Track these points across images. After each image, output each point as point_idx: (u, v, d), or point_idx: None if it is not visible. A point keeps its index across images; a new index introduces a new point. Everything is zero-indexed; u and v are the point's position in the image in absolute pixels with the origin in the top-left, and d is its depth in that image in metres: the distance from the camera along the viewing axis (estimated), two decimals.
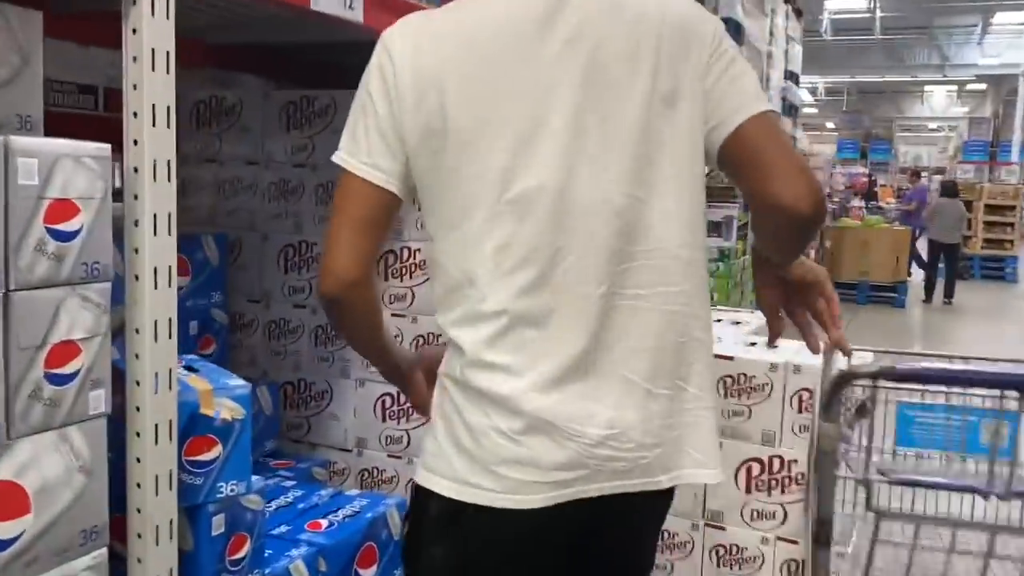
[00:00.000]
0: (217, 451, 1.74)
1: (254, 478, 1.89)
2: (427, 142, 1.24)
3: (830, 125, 31.19)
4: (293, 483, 2.53)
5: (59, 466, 1.42)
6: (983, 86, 25.25)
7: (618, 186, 1.22)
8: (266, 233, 2.89)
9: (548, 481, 1.23)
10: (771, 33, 7.15)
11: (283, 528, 2.19)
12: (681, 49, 1.23)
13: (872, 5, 18.12)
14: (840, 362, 1.53)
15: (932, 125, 32.02)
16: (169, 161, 1.56)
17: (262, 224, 2.90)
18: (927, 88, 28.11)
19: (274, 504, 2.35)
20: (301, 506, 2.35)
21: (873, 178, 22.18)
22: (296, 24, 2.47)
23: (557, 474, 1.23)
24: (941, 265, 11.05)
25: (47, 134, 1.46)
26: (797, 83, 8.76)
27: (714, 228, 6.31)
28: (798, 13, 8.60)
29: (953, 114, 29.29)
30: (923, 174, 18.30)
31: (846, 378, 1.21)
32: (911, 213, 12.96)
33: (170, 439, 1.61)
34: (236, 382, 1.78)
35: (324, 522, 2.24)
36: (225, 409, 1.73)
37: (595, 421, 1.23)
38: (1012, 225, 14.74)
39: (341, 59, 3.35)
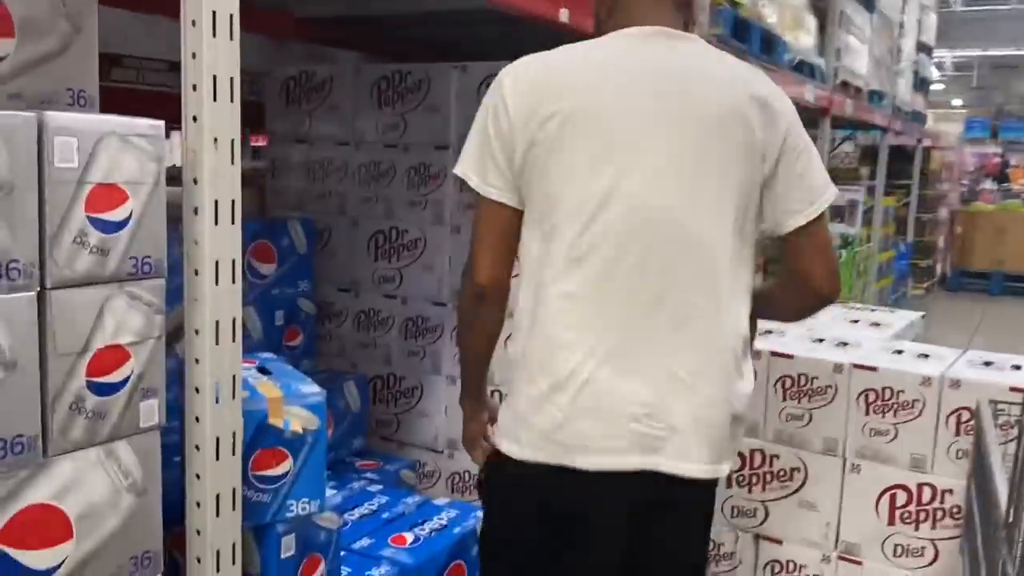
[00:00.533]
0: (287, 465, 1.56)
1: (330, 492, 1.71)
2: (530, 156, 1.38)
3: (956, 102, 29.29)
4: (379, 488, 2.36)
5: (105, 486, 1.26)
6: None
7: (687, 208, 1.36)
8: (356, 218, 2.72)
9: (593, 447, 1.36)
10: (904, 0, 6.56)
11: (365, 542, 2.02)
12: (763, 121, 1.37)
13: None
14: None
15: None
16: (233, 140, 1.36)
17: (352, 208, 2.73)
18: None
19: (357, 512, 2.18)
20: (386, 516, 2.17)
21: (1006, 159, 20.67)
22: None
23: (600, 442, 1.37)
24: None
25: (134, 113, 1.30)
26: (930, 55, 8.08)
27: (836, 213, 5.85)
28: None
29: None
30: None
31: None
32: None
33: (233, 453, 1.43)
34: (310, 388, 1.59)
35: (409, 536, 2.05)
36: (296, 419, 1.54)
37: (637, 399, 1.36)
38: None
39: (435, 32, 3.15)
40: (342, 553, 1.90)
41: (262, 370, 1.69)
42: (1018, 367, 2.07)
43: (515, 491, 1.46)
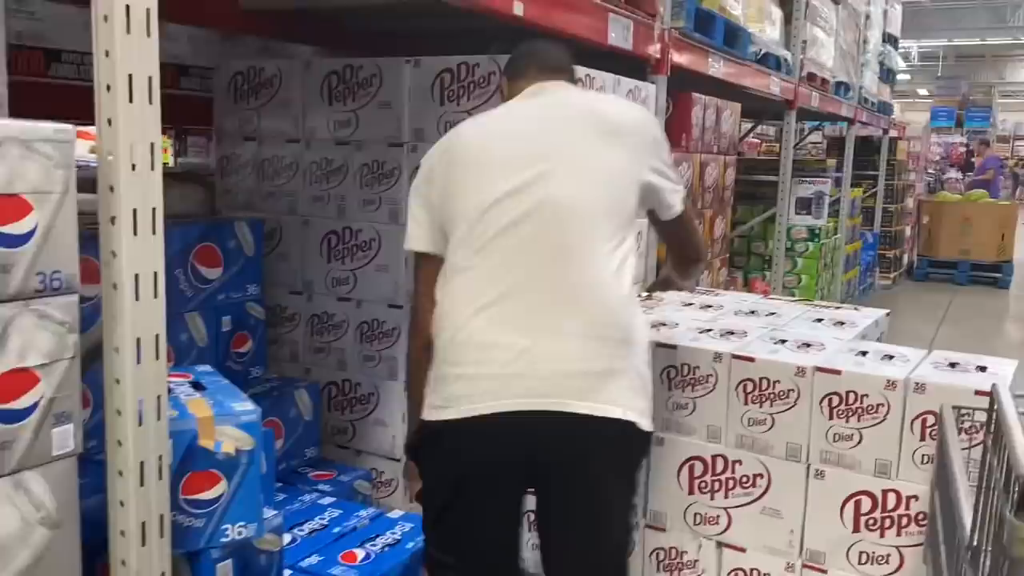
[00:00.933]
0: (220, 488, 1.47)
1: (269, 513, 1.62)
2: (443, 195, 1.63)
3: (923, 92, 29.50)
4: (332, 500, 2.28)
5: (13, 520, 1.17)
6: None
7: (565, 197, 1.57)
8: (307, 218, 2.62)
9: (478, 395, 1.51)
10: None
11: (314, 559, 1.94)
12: (629, 135, 1.66)
13: None
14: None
15: None
16: (153, 144, 1.27)
17: (303, 208, 2.64)
18: None
19: (307, 527, 2.09)
20: (337, 530, 2.09)
21: (970, 148, 20.88)
22: None
23: (484, 388, 1.52)
24: None
25: (76, 111, 1.20)
26: (896, 47, 8.09)
27: (803, 205, 5.82)
28: None
29: None
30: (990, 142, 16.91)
31: None
32: (989, 183, 11.84)
33: (160, 478, 1.34)
34: (244, 406, 1.51)
35: (360, 552, 1.98)
36: (229, 440, 1.46)
37: (514, 347, 1.51)
38: None
39: (390, 26, 3.05)
40: (290, 572, 1.83)
41: (196, 385, 1.61)
42: (983, 368, 2.03)
43: (430, 450, 1.62)
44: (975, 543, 1.13)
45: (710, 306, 2.67)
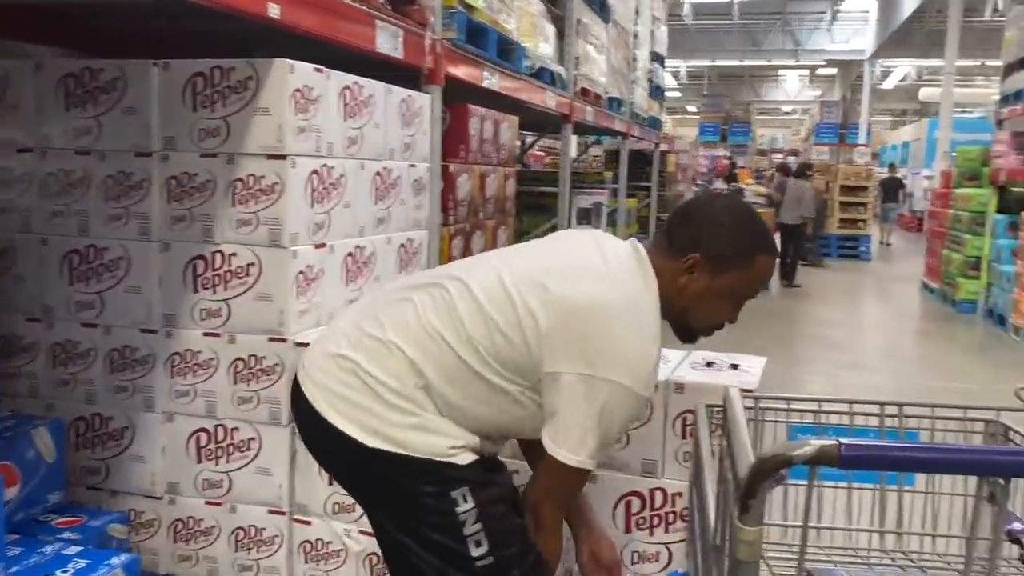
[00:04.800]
0: None
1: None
2: None
3: (692, 108, 31.82)
4: (79, 549, 2.04)
5: None
6: (833, 71, 26.28)
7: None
8: (44, 236, 2.36)
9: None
10: (636, 12, 6.93)
11: None
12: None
13: None
14: (727, 400, 1.20)
15: (787, 108, 33.20)
16: None
17: (39, 225, 2.37)
18: (781, 72, 29.05)
19: None
20: None
21: (733, 160, 22.68)
22: None
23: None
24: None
25: None
26: (663, 65, 8.64)
27: (583, 215, 6.05)
28: None
29: (805, 97, 30.40)
30: None
31: (773, 464, 0.88)
32: None
33: None
34: None
35: None
36: None
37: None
38: (865, 205, 15.24)
39: (135, 26, 2.82)
40: None
41: None
42: (735, 366, 2.14)
43: None
44: (717, 542, 1.16)
45: None
